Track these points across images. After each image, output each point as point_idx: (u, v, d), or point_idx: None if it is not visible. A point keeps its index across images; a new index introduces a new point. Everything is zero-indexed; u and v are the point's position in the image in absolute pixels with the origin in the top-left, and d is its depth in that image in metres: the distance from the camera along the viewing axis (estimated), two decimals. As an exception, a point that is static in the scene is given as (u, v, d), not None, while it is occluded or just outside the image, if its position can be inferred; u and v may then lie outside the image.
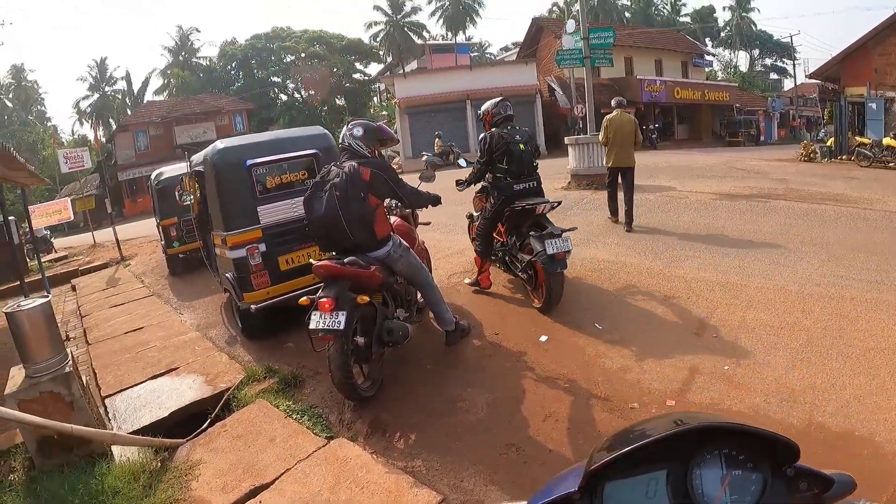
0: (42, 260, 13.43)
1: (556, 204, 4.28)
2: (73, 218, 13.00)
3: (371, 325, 3.23)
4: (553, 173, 12.41)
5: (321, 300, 2.90)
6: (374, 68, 40.68)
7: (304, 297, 3.05)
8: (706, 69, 34.02)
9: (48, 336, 2.95)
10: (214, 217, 4.67)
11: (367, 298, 2.97)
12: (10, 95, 40.13)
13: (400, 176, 3.43)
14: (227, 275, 4.69)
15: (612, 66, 11.81)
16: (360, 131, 3.39)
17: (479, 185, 4.83)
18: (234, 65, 38.92)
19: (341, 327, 2.85)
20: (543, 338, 3.87)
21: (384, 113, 34.07)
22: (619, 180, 6.71)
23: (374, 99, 38.15)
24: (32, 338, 2.87)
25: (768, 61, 50.16)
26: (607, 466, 0.67)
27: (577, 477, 0.69)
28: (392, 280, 3.46)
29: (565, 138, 11.00)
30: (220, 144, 4.54)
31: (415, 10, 41.71)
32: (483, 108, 4.64)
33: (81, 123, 41.79)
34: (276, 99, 38.53)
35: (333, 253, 3.33)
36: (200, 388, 3.87)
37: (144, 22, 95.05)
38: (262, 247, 4.39)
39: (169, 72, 39.14)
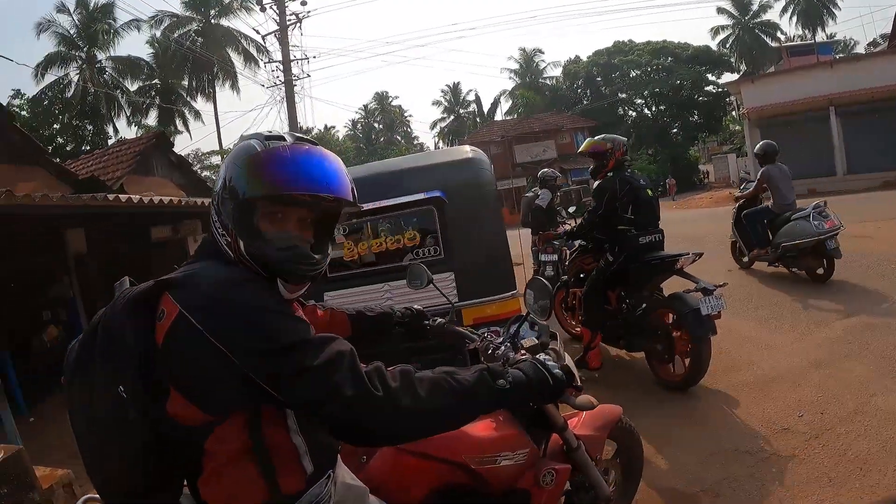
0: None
1: (700, 254, 3.59)
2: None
3: None
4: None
5: None
6: (728, 78, 34.55)
7: None
8: None
9: None
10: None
11: None
12: (378, 118, 50.41)
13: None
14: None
15: None
16: (227, 176, 1.05)
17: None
18: (579, 83, 38.72)
19: None
20: None
21: (738, 128, 29.50)
22: None
23: (733, 113, 32.95)
24: None
25: None
26: None
27: None
28: None
29: None
30: None
31: (763, 7, 35.93)
32: (615, 142, 3.89)
33: (442, 142, 50.24)
34: (624, 116, 36.71)
35: None
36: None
37: (492, 47, 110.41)
38: None
39: (517, 93, 41.47)
